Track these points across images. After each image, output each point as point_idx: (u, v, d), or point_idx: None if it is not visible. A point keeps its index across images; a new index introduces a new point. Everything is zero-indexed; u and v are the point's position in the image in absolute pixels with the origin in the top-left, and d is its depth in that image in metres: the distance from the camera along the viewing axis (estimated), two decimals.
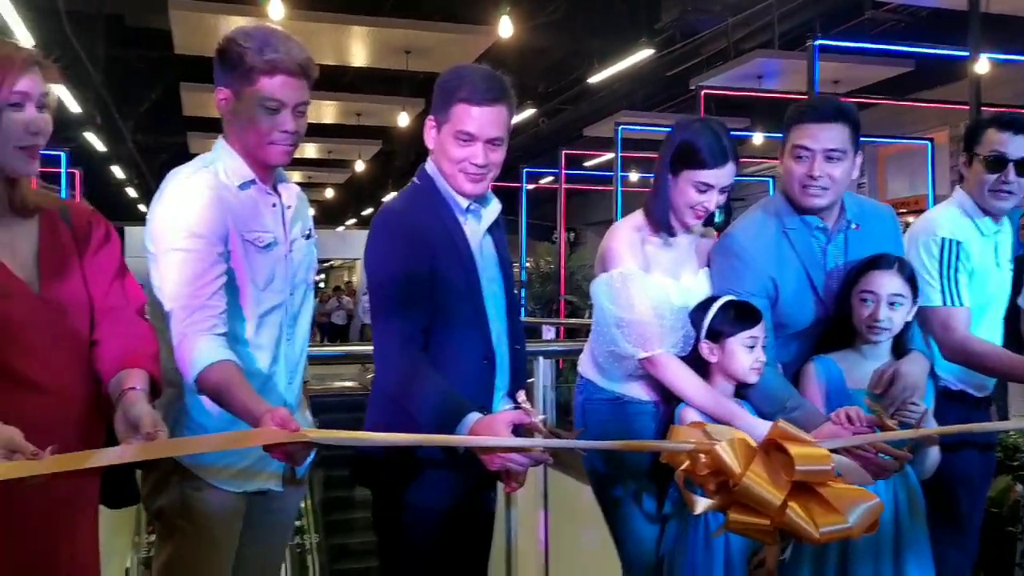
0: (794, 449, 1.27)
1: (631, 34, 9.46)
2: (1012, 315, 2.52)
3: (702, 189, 2.06)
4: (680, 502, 2.05)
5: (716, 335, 2.07)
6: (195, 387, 1.64)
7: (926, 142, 8.59)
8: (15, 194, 1.49)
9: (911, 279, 2.13)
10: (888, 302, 2.08)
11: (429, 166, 1.96)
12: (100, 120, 11.71)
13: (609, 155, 9.50)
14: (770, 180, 10.50)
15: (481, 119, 1.85)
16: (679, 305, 2.10)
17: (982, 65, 5.20)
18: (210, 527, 1.77)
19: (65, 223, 1.56)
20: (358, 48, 8.64)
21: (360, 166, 14.59)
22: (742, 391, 2.13)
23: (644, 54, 9.53)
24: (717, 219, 2.23)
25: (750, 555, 2.09)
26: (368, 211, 20.10)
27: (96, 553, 1.56)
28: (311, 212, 2.04)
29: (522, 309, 11.67)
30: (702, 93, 7.09)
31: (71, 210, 1.59)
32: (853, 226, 2.20)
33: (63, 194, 7.27)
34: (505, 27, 7.08)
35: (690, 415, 2.04)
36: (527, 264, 11.46)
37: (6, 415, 1.27)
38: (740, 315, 2.07)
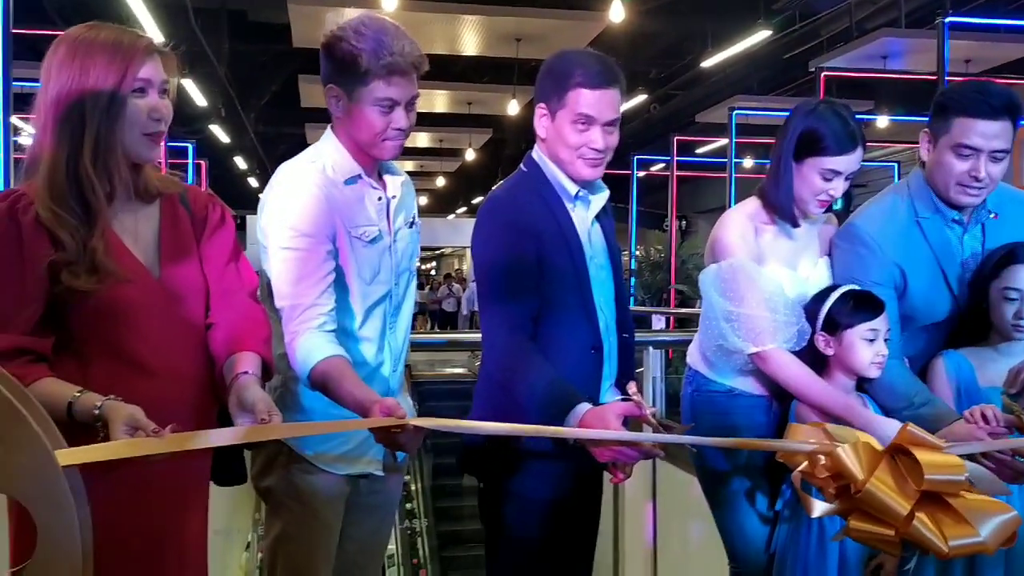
0: (923, 456, 1.17)
1: (747, 16, 9.17)
2: None
3: (828, 177, 1.97)
4: (795, 502, 1.98)
5: (834, 327, 1.98)
6: (307, 383, 1.68)
7: None
8: (139, 180, 1.54)
9: None
10: None
11: (536, 153, 1.94)
12: (224, 112, 12.20)
13: (722, 141, 9.28)
14: (895, 165, 10.04)
15: (599, 102, 1.83)
16: (795, 297, 2.01)
17: None
18: (315, 506, 1.82)
19: (184, 207, 1.60)
20: (469, 37, 8.70)
21: (470, 154, 14.74)
22: (864, 386, 2.03)
23: (761, 36, 9.23)
24: (837, 206, 2.13)
25: (867, 559, 2.00)
26: (478, 199, 20.29)
27: (204, 528, 1.61)
28: (417, 199, 2.05)
29: (632, 298, 11.57)
30: (822, 76, 6.81)
31: (189, 195, 1.63)
32: (991, 215, 2.06)
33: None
34: (616, 11, 6.98)
35: (808, 412, 1.96)
36: (637, 253, 11.34)
37: (123, 397, 1.32)
38: (860, 305, 1.96)
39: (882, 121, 9.27)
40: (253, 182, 19.63)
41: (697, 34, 10.78)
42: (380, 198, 1.86)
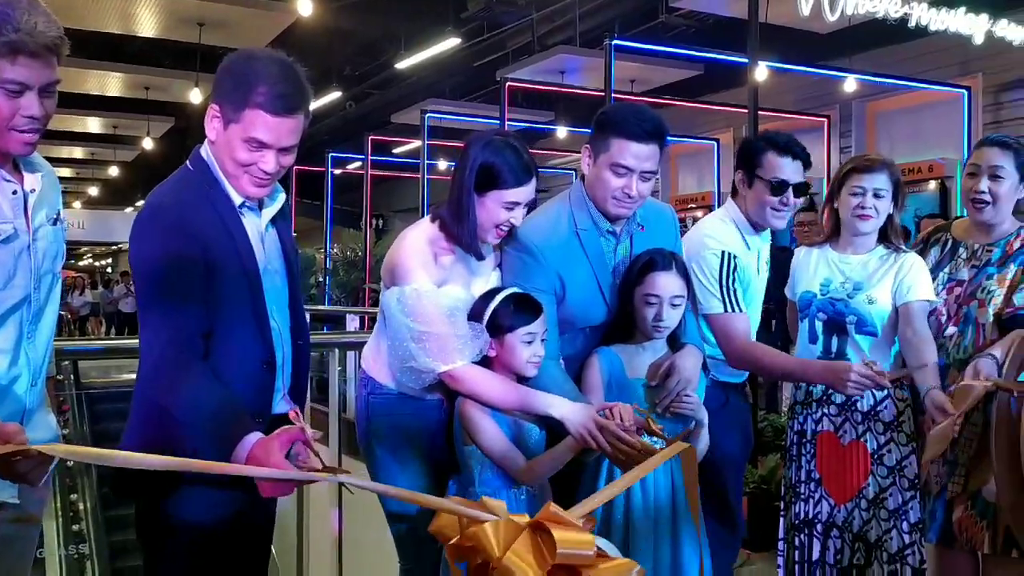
0: (558, 533, 1.28)
1: (439, 22, 9.42)
2: (768, 312, 2.76)
3: (509, 207, 2.05)
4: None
5: (496, 329, 2.09)
6: None
7: (712, 142, 9.16)
8: None
9: (686, 276, 2.26)
10: (670, 303, 2.21)
11: (205, 151, 1.80)
12: None
13: (417, 143, 9.44)
14: (573, 172, 10.83)
15: (278, 129, 1.71)
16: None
17: (761, 72, 5.59)
18: None
19: None
20: (147, 17, 8.07)
21: (148, 143, 13.68)
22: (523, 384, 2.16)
23: (451, 43, 9.52)
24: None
25: None
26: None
27: None
28: (88, 190, 1.83)
29: (327, 297, 11.41)
30: (507, 85, 7.16)
31: None
32: (640, 227, 2.29)
33: None
34: (305, 6, 6.82)
35: (472, 408, 2.06)
36: (332, 251, 11.20)
37: None
38: (520, 309, 2.09)
39: (561, 132, 9.95)
40: None
41: (391, 35, 10.88)
42: (15, 192, 1.64)
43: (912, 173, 7.99)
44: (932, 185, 7.82)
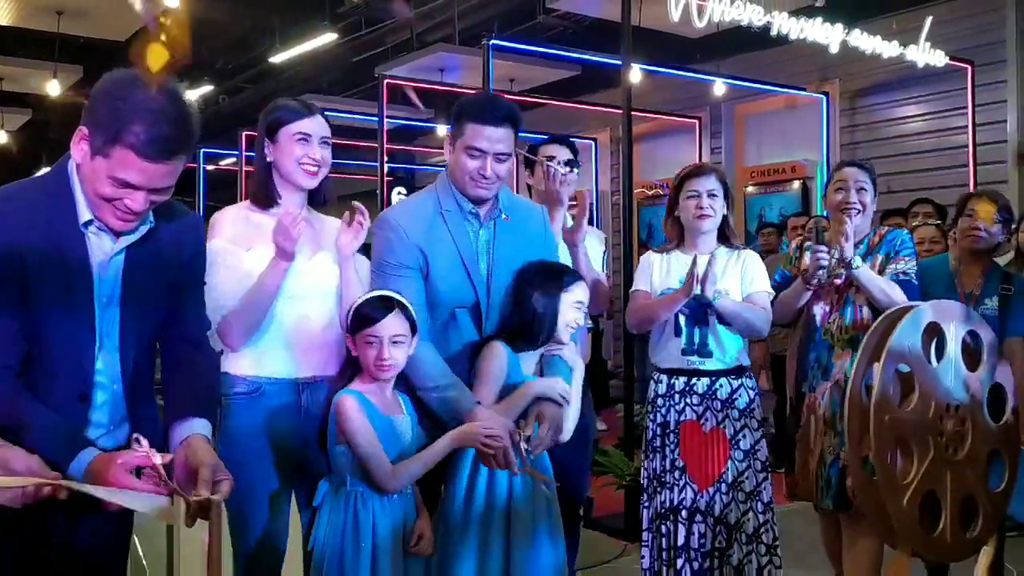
0: None
1: (314, 16, 9.24)
2: None
3: (304, 140, 2.28)
4: (332, 494, 2.17)
5: (351, 330, 2.18)
6: None
7: (590, 141, 9.35)
8: None
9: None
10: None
11: (71, 164, 1.66)
12: None
13: None
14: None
15: (150, 173, 1.56)
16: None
17: (635, 74, 5.75)
18: None
19: None
20: (0, 5, 7.58)
21: (3, 137, 12.86)
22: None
23: (327, 38, 9.35)
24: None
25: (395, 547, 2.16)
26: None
27: None
28: None
29: None
30: (385, 82, 7.11)
31: None
32: (504, 216, 2.41)
33: None
34: None
35: (347, 406, 2.14)
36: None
37: None
38: (366, 312, 2.16)
39: (441, 129, 9.93)
40: None
41: (265, 29, 10.59)
42: None
43: (777, 173, 8.38)
44: (796, 184, 8.22)
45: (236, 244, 2.22)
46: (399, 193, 10.85)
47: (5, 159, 16.67)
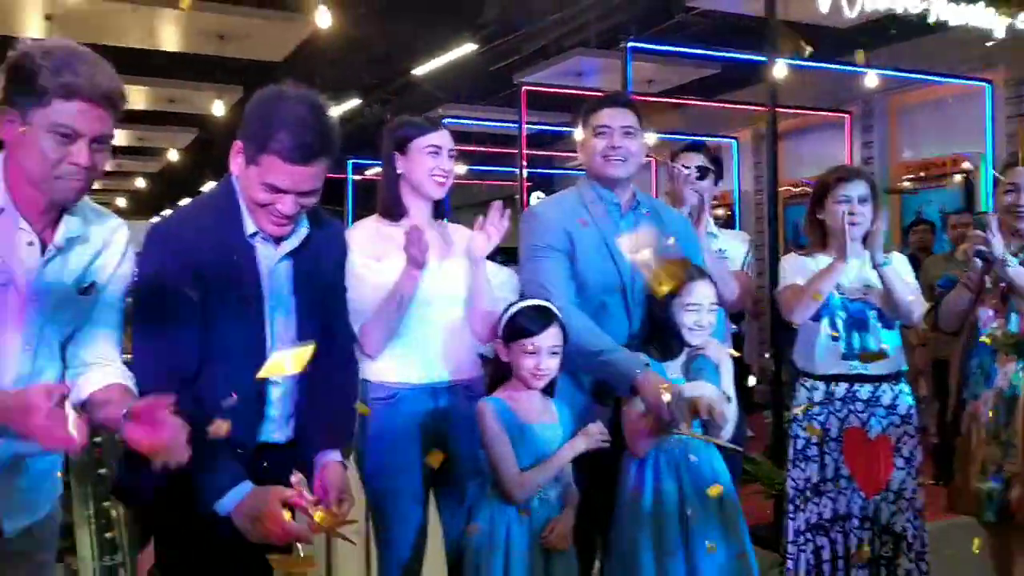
0: None
1: (454, 28, 9.45)
2: None
3: (434, 152, 2.38)
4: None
5: (506, 338, 2.22)
6: None
7: (731, 140, 9.12)
8: None
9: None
10: (708, 310, 2.41)
11: (235, 178, 1.84)
12: None
13: None
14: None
15: (296, 177, 1.73)
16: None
17: (780, 70, 5.56)
18: None
19: None
20: (169, 32, 8.16)
21: (174, 155, 13.84)
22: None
23: (467, 48, 9.54)
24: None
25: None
26: (186, 200, 19.11)
27: None
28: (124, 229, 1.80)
29: None
30: (523, 90, 7.19)
31: None
32: (644, 211, 2.51)
33: None
34: (323, 17, 6.87)
35: (485, 414, 2.17)
36: None
37: None
38: (524, 321, 2.20)
39: (578, 134, 9.94)
40: None
41: (408, 43, 10.92)
42: (31, 243, 1.61)
43: (936, 168, 7.92)
44: (957, 179, 7.75)
45: (369, 256, 2.31)
46: (538, 197, 10.94)
47: (175, 175, 17.95)
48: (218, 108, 10.10)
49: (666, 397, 2.09)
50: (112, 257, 1.73)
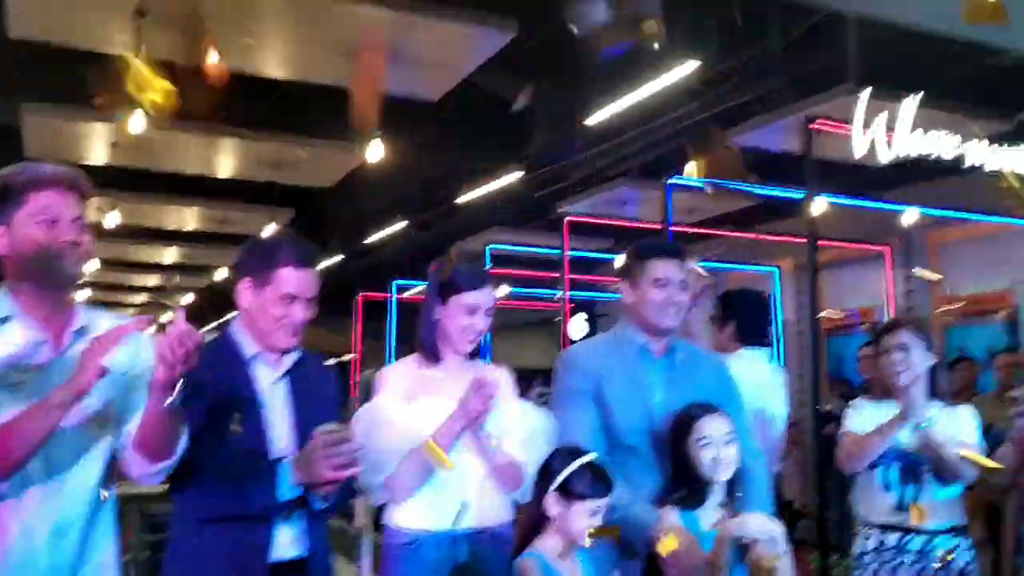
0: None
1: (501, 157, 9.76)
2: None
3: (471, 311, 2.36)
4: None
5: (566, 493, 2.10)
6: None
7: (773, 269, 9.16)
8: None
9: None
10: (723, 442, 2.33)
11: (234, 324, 2.16)
12: None
13: None
14: None
15: (305, 281, 2.09)
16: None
17: (819, 205, 5.64)
18: None
19: None
20: (226, 161, 8.53)
21: (224, 272, 14.23)
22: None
23: (513, 176, 9.83)
24: None
25: None
26: (233, 314, 19.46)
27: None
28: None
29: None
30: (565, 220, 7.38)
31: None
32: (680, 356, 2.50)
33: None
34: (375, 152, 7.18)
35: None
36: None
37: None
38: (596, 479, 2.12)
39: (620, 260, 10.04)
40: None
41: (455, 170, 11.28)
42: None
43: (980, 303, 7.86)
44: (1001, 315, 7.66)
45: (401, 397, 2.32)
46: (583, 320, 11.00)
47: (219, 292, 18.40)
48: (268, 231, 10.43)
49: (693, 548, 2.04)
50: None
